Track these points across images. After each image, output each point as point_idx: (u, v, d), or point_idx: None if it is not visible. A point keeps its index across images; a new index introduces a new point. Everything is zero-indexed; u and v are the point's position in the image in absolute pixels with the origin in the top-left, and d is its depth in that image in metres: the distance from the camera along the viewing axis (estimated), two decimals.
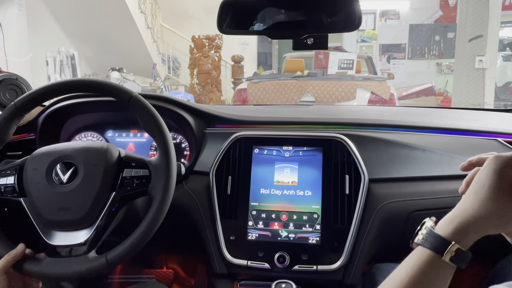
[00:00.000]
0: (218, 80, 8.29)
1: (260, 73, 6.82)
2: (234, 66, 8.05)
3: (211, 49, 8.15)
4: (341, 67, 4.91)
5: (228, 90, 9.03)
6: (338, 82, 4.39)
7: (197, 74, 8.16)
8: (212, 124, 1.18)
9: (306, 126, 1.15)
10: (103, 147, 0.88)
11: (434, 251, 0.55)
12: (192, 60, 8.19)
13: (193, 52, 8.18)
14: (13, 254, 0.82)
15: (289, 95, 4.30)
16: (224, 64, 8.94)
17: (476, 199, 0.56)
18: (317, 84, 4.37)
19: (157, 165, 0.87)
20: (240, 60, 8.05)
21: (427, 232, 0.57)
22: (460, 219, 0.56)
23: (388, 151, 1.08)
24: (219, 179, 1.07)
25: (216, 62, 8.17)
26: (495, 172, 0.56)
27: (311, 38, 0.93)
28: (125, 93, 0.89)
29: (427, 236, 0.57)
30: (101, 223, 0.85)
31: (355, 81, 4.46)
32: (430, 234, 0.57)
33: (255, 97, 4.40)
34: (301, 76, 4.68)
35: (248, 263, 1.01)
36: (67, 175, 0.85)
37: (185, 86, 9.45)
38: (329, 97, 4.23)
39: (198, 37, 8.11)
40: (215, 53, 8.19)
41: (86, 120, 1.22)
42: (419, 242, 0.57)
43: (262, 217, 1.04)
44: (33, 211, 0.85)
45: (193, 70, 8.22)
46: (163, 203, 0.85)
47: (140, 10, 8.07)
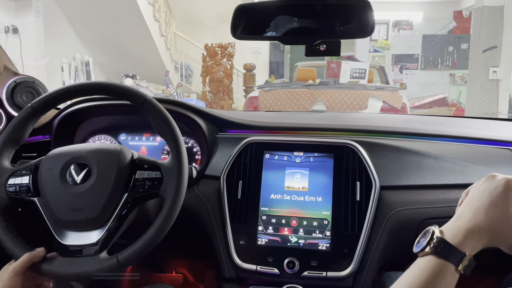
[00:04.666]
0: (230, 88, 8.34)
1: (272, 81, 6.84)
2: (246, 74, 8.10)
3: (224, 57, 8.22)
4: (353, 76, 4.90)
5: (239, 98, 9.07)
6: (350, 91, 4.38)
7: (209, 82, 8.22)
8: (224, 129, 1.18)
9: (317, 132, 1.15)
10: (116, 149, 0.90)
11: (449, 261, 0.56)
12: (205, 68, 8.26)
13: (206, 60, 8.25)
14: (32, 256, 0.83)
15: (300, 103, 4.30)
16: (236, 72, 9.00)
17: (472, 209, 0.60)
18: (329, 92, 4.36)
19: (169, 167, 0.88)
20: (252, 69, 8.10)
21: (438, 241, 0.58)
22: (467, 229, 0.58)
23: (399, 158, 1.07)
24: (230, 183, 1.07)
25: (228, 70, 8.23)
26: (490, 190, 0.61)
27: (323, 44, 0.94)
28: (139, 96, 0.91)
29: (441, 246, 0.58)
30: (113, 224, 0.85)
31: (367, 91, 4.45)
32: (444, 244, 0.58)
33: (266, 105, 4.41)
34: (313, 84, 4.69)
35: (257, 268, 1.01)
36: (80, 176, 0.87)
37: (197, 93, 9.53)
38: (341, 106, 4.22)
39: (211, 45, 8.18)
40: (228, 61, 8.25)
41: (100, 123, 1.24)
42: (431, 252, 0.58)
43: (272, 222, 1.04)
44: (46, 210, 0.86)
45: (205, 78, 8.28)
46: (175, 205, 0.85)
47: (154, 18, 8.18)
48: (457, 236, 0.58)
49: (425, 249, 0.59)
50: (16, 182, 0.89)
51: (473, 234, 0.58)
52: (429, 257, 0.58)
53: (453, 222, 0.61)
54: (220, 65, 8.18)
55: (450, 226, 0.60)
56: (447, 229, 0.60)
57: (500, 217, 0.58)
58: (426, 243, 0.59)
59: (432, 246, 0.58)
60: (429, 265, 0.57)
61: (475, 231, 0.58)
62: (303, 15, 0.87)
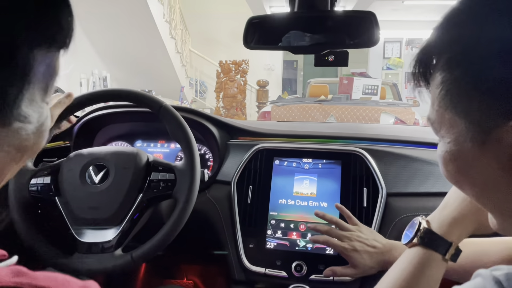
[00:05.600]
0: (243, 104, 8.43)
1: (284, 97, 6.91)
2: (259, 91, 8.19)
3: (237, 73, 8.34)
4: (365, 92, 4.93)
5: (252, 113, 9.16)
6: (362, 107, 4.40)
7: (223, 98, 8.33)
8: (235, 136, 1.23)
9: (325, 139, 1.18)
10: (133, 151, 0.94)
11: (435, 250, 0.59)
12: (219, 84, 8.38)
13: (220, 77, 8.38)
14: None
15: (312, 118, 4.34)
16: (249, 88, 9.11)
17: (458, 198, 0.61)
18: (341, 108, 4.40)
19: (182, 169, 0.92)
20: (265, 85, 8.19)
21: (424, 232, 0.60)
22: (453, 218, 0.60)
23: (406, 166, 1.10)
24: (240, 188, 1.11)
25: (241, 86, 8.34)
26: None
27: (332, 55, 0.98)
28: (156, 102, 0.96)
29: (428, 236, 0.60)
30: (128, 223, 0.90)
31: (379, 106, 4.47)
32: (430, 234, 0.60)
33: (278, 120, 4.46)
34: (325, 100, 4.73)
35: (266, 271, 1.03)
36: (99, 177, 0.92)
37: (210, 109, 9.64)
38: (353, 121, 4.24)
39: (225, 62, 8.32)
40: (241, 77, 8.37)
41: (118, 130, 1.29)
42: (418, 242, 0.60)
43: (281, 226, 1.07)
44: (66, 209, 0.91)
45: (219, 94, 8.40)
46: (187, 205, 0.89)
47: (170, 35, 8.37)
48: (443, 225, 0.60)
49: (413, 240, 0.61)
50: (38, 182, 0.94)
51: (459, 223, 0.60)
52: (417, 248, 0.61)
53: (439, 212, 0.63)
54: (234, 81, 8.29)
55: (437, 216, 0.63)
56: (433, 219, 0.63)
57: None
58: (414, 234, 0.61)
59: (419, 237, 0.61)
60: (416, 256, 0.59)
61: (460, 220, 0.60)
62: (311, 26, 0.92)
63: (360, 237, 0.90)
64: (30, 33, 0.35)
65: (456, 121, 0.43)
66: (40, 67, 0.37)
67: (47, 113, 0.41)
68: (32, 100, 0.38)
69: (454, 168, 0.46)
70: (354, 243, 0.88)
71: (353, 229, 0.92)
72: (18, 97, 0.36)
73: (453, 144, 0.45)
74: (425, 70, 0.46)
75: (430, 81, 0.46)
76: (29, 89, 0.36)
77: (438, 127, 0.46)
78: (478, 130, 0.41)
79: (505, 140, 0.39)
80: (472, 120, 0.41)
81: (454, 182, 0.48)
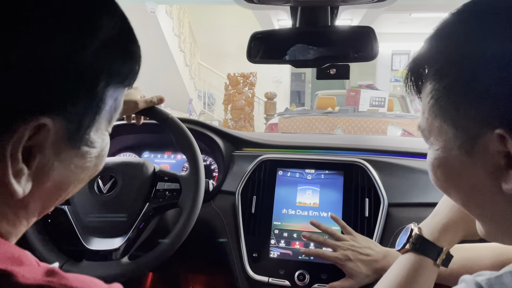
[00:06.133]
0: (251, 116, 8.48)
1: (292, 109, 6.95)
2: (267, 103, 8.24)
3: (245, 86, 8.41)
4: (372, 104, 4.94)
5: (260, 125, 9.19)
6: (369, 119, 4.41)
7: (231, 110, 8.40)
8: (240, 147, 1.25)
9: (328, 150, 1.20)
10: (140, 162, 0.98)
11: (427, 256, 0.62)
12: (227, 97, 8.45)
13: (228, 89, 8.46)
14: None
15: (319, 130, 4.35)
16: (257, 100, 9.17)
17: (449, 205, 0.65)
18: (348, 120, 4.41)
19: (187, 179, 0.95)
20: (273, 97, 8.24)
21: (416, 238, 0.63)
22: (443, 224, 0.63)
23: (408, 177, 1.11)
24: (245, 198, 1.13)
25: (249, 98, 8.40)
26: None
27: (333, 68, 1.01)
28: (162, 114, 0.99)
29: (420, 243, 0.63)
30: (134, 231, 0.92)
31: (386, 118, 4.48)
32: (422, 240, 0.63)
33: (285, 132, 4.49)
34: (332, 112, 4.75)
35: (269, 280, 1.05)
36: (107, 186, 0.95)
37: (219, 121, 9.71)
38: (360, 133, 4.25)
39: (233, 74, 8.40)
40: (249, 90, 8.43)
41: (126, 142, 1.33)
42: (411, 248, 0.63)
43: (284, 236, 1.09)
44: (75, 217, 0.94)
45: (227, 106, 8.46)
46: (192, 214, 0.92)
47: (179, 48, 8.49)
48: (434, 232, 0.63)
49: (405, 246, 0.64)
50: None
51: (449, 229, 0.63)
52: (409, 254, 0.63)
53: (431, 219, 0.66)
54: (241, 93, 8.36)
55: (428, 223, 0.65)
56: (425, 225, 0.65)
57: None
58: (406, 241, 0.64)
59: (411, 243, 0.63)
60: (409, 261, 0.62)
61: (450, 226, 0.63)
62: (312, 41, 0.95)
63: (353, 246, 0.91)
64: (110, 73, 0.41)
65: (445, 129, 0.45)
66: (109, 102, 0.43)
67: (108, 140, 0.48)
68: (98, 129, 0.43)
69: (442, 175, 0.48)
70: (347, 252, 0.90)
71: (347, 238, 0.94)
72: (89, 126, 0.41)
73: (441, 152, 0.46)
74: (416, 79, 0.49)
75: (421, 90, 0.48)
76: (98, 120, 0.42)
77: (427, 135, 0.49)
78: (465, 138, 0.43)
79: (491, 148, 0.41)
80: (459, 128, 0.43)
81: (442, 188, 0.50)
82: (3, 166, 0.35)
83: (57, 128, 0.38)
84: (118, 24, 0.42)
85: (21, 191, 0.37)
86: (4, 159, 0.35)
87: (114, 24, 0.41)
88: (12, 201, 0.38)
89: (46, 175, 0.40)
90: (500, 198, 0.42)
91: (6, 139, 0.35)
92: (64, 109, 0.38)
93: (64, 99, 0.37)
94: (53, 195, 0.43)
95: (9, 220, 0.40)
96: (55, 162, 0.40)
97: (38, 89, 0.35)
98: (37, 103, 0.36)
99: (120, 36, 0.43)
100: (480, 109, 0.40)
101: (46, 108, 0.36)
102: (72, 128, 0.39)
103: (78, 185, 0.46)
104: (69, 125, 0.39)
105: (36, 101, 0.35)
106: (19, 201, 0.39)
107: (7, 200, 0.38)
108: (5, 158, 0.35)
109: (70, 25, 0.37)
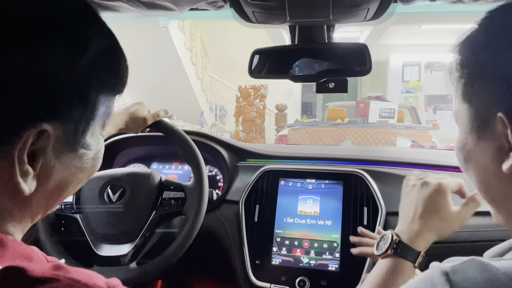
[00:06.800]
0: (262, 128, 8.55)
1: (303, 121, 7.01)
2: (278, 114, 8.31)
3: (256, 98, 8.49)
4: (382, 116, 4.97)
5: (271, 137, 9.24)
6: (378, 130, 4.44)
7: (242, 122, 8.48)
8: (244, 158, 1.31)
9: (328, 161, 1.25)
10: (147, 172, 1.03)
11: (407, 259, 0.67)
12: (238, 109, 8.54)
13: (239, 101, 8.55)
14: None
15: (328, 141, 4.39)
16: (268, 112, 9.23)
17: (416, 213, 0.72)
18: (357, 131, 4.44)
19: (192, 188, 1.00)
20: (284, 109, 8.30)
21: (397, 244, 0.69)
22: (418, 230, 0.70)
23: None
24: (248, 207, 1.18)
25: (260, 110, 8.47)
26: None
27: (332, 82, 1.06)
28: (168, 126, 1.05)
29: (400, 248, 0.68)
30: (142, 238, 0.98)
31: (395, 130, 4.49)
32: (402, 245, 0.68)
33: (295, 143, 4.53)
34: (341, 123, 4.78)
35: (271, 286, 1.09)
36: (116, 195, 1.00)
37: (230, 133, 9.79)
38: (369, 144, 4.27)
39: (245, 87, 8.50)
40: (260, 102, 8.51)
41: (135, 153, 1.39)
42: (392, 253, 0.68)
43: (286, 243, 1.13)
44: (86, 225, 1.00)
45: (238, 118, 8.55)
46: (196, 221, 0.97)
47: (191, 62, 8.63)
48: (411, 237, 0.69)
49: (387, 251, 0.69)
50: None
51: (423, 235, 0.69)
52: (390, 258, 0.69)
53: (406, 226, 0.71)
54: (253, 105, 8.44)
55: (404, 230, 0.71)
56: (401, 232, 0.71)
57: (439, 218, 0.70)
58: (387, 246, 0.69)
59: (392, 248, 0.69)
60: (391, 265, 0.68)
61: (424, 231, 0.69)
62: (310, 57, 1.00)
63: None
64: (100, 83, 0.47)
65: (465, 112, 0.51)
66: (101, 108, 0.48)
67: (103, 143, 0.53)
68: (93, 133, 0.49)
69: (461, 157, 0.54)
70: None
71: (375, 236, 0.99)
72: (85, 131, 0.47)
73: (461, 134, 0.53)
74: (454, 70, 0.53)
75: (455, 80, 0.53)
76: (92, 124, 0.48)
77: (457, 119, 0.55)
78: (477, 120, 0.49)
79: (496, 132, 0.46)
80: (473, 110, 0.50)
81: (464, 170, 0.55)
82: (11, 168, 0.41)
83: (57, 133, 0.43)
84: (105, 41, 0.48)
85: (27, 190, 0.42)
86: (12, 161, 0.41)
87: (101, 41, 0.47)
88: (19, 199, 0.44)
89: (48, 176, 0.45)
90: (504, 181, 0.48)
91: (13, 144, 0.40)
92: (62, 116, 0.43)
93: (61, 108, 0.43)
94: (55, 194, 0.48)
95: (16, 218, 0.45)
96: (56, 164, 0.45)
97: (38, 100, 0.41)
98: (38, 112, 0.41)
99: (107, 51, 0.48)
100: (490, 91, 0.47)
101: (46, 116, 0.42)
102: (70, 133, 0.45)
103: (77, 185, 0.51)
104: (67, 130, 0.44)
105: (37, 110, 0.41)
106: (25, 199, 0.44)
107: (14, 199, 0.43)
108: (13, 161, 0.41)
109: (63, 46, 0.43)
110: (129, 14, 0.83)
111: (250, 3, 0.75)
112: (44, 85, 0.41)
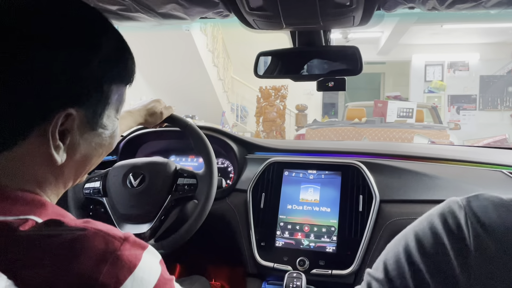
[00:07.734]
0: (282, 128, 8.65)
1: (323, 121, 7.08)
2: (298, 115, 8.40)
3: (277, 98, 8.61)
4: (400, 115, 5.00)
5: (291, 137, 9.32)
6: (395, 130, 4.48)
7: (263, 122, 8.61)
8: (252, 151, 1.43)
9: (328, 154, 1.36)
10: (164, 161, 1.17)
11: None
12: (259, 109, 8.68)
13: (260, 102, 8.69)
14: None
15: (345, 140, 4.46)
16: (288, 112, 9.32)
17: None
18: (374, 130, 4.49)
19: (203, 176, 1.13)
20: (304, 109, 8.38)
21: None
22: None
23: (400, 177, 1.25)
24: (255, 195, 1.30)
25: (281, 110, 8.58)
26: None
27: (331, 81, 1.17)
28: (183, 121, 1.19)
29: None
30: (159, 218, 1.11)
31: (412, 129, 4.52)
32: None
33: None
34: (359, 123, 4.84)
35: (274, 265, 1.21)
36: (137, 181, 1.14)
37: (251, 133, 9.93)
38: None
39: (265, 87, 8.63)
40: (280, 102, 8.62)
41: (155, 147, 1.53)
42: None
43: (288, 228, 1.25)
44: (111, 207, 1.14)
45: (259, 118, 8.68)
46: (206, 204, 1.10)
47: (213, 63, 8.82)
48: None
49: None
50: (90, 186, 1.19)
51: None
52: None
53: None
54: (273, 106, 8.56)
55: None
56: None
57: None
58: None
59: None
60: None
61: None
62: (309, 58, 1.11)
63: None
64: (111, 76, 0.58)
65: None
66: (114, 96, 0.60)
67: (117, 124, 0.64)
68: (109, 116, 0.60)
69: None
70: None
71: None
72: (101, 114, 0.58)
73: None
74: None
75: None
76: (108, 109, 0.59)
77: None
78: None
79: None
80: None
81: None
82: (47, 144, 0.53)
83: (80, 116, 0.54)
84: (115, 41, 0.59)
85: (59, 160, 0.55)
86: (47, 138, 0.53)
87: (112, 43, 0.58)
88: (54, 169, 0.56)
89: (75, 150, 0.57)
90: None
91: (47, 124, 0.53)
92: (83, 103, 0.54)
93: (82, 96, 0.54)
94: (81, 165, 0.61)
95: (52, 185, 0.58)
96: (81, 141, 0.57)
97: (64, 90, 0.52)
98: (65, 99, 0.52)
99: (116, 50, 0.59)
100: None
101: (71, 102, 0.53)
102: (90, 115, 0.56)
103: (98, 159, 0.64)
104: (87, 113, 0.56)
105: (64, 98, 0.52)
106: (58, 169, 0.57)
107: (50, 168, 0.56)
108: (48, 137, 0.53)
109: (82, 49, 0.54)
110: (148, 23, 0.97)
111: (250, 13, 0.87)
112: (69, 79, 0.53)
